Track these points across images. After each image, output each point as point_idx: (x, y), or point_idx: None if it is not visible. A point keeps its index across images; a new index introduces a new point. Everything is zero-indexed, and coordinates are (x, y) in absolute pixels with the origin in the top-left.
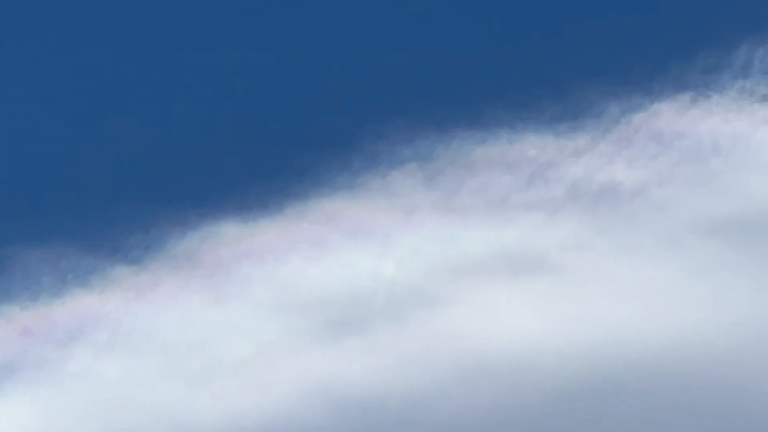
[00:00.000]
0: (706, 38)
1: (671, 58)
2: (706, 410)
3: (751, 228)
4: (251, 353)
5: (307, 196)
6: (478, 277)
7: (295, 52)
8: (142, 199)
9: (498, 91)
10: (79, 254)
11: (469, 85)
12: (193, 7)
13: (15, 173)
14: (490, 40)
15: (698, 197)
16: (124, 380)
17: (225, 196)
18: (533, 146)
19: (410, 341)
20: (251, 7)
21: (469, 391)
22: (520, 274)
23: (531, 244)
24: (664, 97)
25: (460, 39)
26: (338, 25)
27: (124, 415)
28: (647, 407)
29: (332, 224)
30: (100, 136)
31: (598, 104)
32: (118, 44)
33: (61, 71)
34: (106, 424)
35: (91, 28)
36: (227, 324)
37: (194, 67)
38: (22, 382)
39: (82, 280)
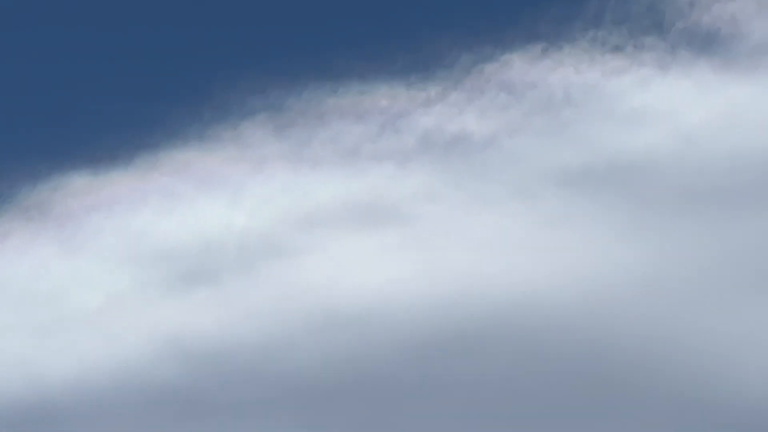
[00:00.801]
0: None
1: (522, 9)
2: (557, 359)
3: (603, 178)
4: (102, 304)
5: (158, 147)
6: (330, 228)
7: (144, 4)
8: None
9: (349, 41)
10: None
11: (319, 36)
12: None
13: None
14: None
15: (550, 147)
16: None
17: (75, 148)
18: (384, 97)
19: (261, 292)
20: None
21: (320, 341)
22: (372, 224)
23: (382, 194)
24: (515, 47)
25: None
26: None
27: None
28: (498, 356)
29: (183, 175)
30: None
31: (450, 55)
32: None
33: None
34: None
35: None
36: (78, 275)
37: (40, 23)
38: None
39: None
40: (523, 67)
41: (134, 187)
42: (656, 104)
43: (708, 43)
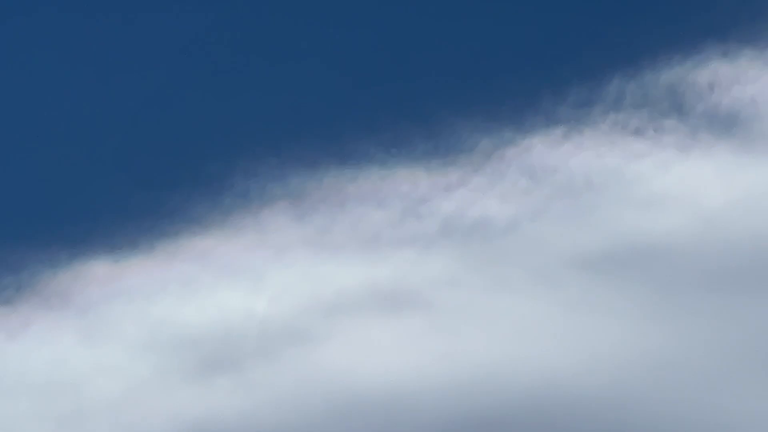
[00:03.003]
0: (577, 72)
1: (543, 92)
2: None
3: (624, 262)
4: (123, 393)
5: (179, 234)
6: (351, 314)
7: (162, 91)
8: (12, 239)
9: (369, 127)
10: None
11: (339, 122)
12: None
13: None
14: (359, 77)
15: (571, 232)
16: None
17: (96, 236)
18: (405, 181)
19: (283, 379)
20: (118, 52)
21: (343, 428)
22: (393, 310)
23: (403, 280)
24: (536, 131)
25: (328, 76)
26: (206, 63)
27: None
28: None
29: (204, 262)
30: None
31: (470, 139)
32: None
33: None
34: None
35: None
36: (98, 363)
37: (61, 109)
38: None
39: None
40: (544, 151)
41: (155, 274)
42: (677, 187)
43: (728, 126)
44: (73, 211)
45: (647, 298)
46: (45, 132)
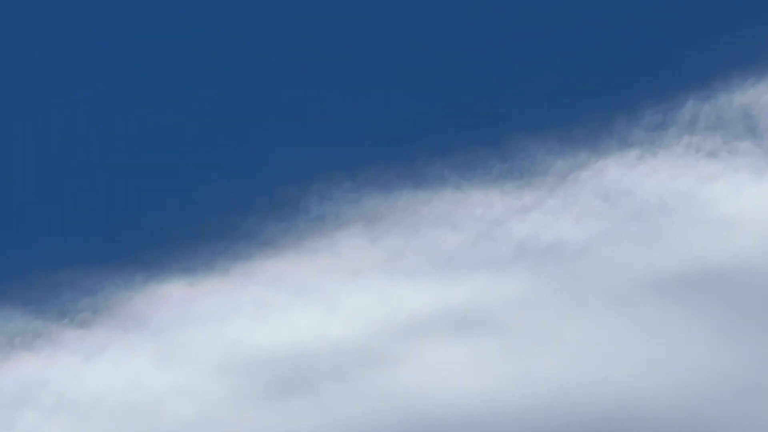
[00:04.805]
0: (651, 94)
1: (617, 115)
2: None
3: (698, 285)
4: (197, 414)
5: (253, 257)
6: (425, 337)
7: (237, 118)
8: (88, 262)
9: (443, 150)
10: (26, 318)
11: (413, 146)
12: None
13: None
14: (432, 100)
15: (645, 254)
16: None
17: (171, 258)
18: (479, 205)
19: (357, 401)
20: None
21: None
22: (467, 332)
23: (477, 302)
24: (610, 154)
25: (401, 99)
26: (281, 87)
27: None
28: None
29: (278, 285)
30: (43, 200)
31: (544, 162)
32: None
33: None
34: None
35: None
36: (173, 385)
37: (135, 133)
38: None
39: (29, 344)
40: (618, 174)
41: (229, 296)
42: (750, 210)
43: None
44: (149, 234)
45: (720, 319)
46: (121, 156)
